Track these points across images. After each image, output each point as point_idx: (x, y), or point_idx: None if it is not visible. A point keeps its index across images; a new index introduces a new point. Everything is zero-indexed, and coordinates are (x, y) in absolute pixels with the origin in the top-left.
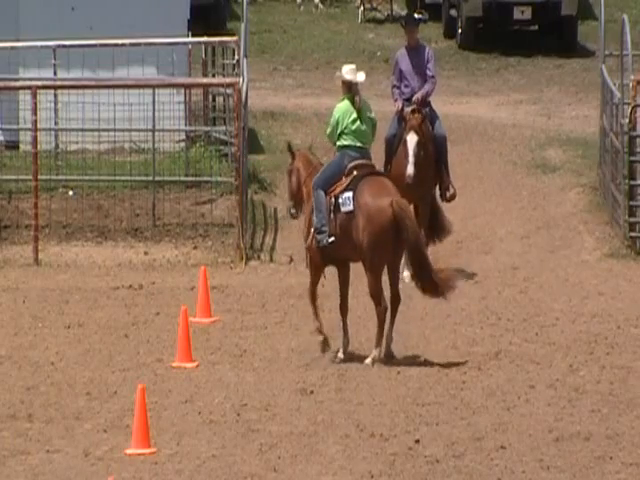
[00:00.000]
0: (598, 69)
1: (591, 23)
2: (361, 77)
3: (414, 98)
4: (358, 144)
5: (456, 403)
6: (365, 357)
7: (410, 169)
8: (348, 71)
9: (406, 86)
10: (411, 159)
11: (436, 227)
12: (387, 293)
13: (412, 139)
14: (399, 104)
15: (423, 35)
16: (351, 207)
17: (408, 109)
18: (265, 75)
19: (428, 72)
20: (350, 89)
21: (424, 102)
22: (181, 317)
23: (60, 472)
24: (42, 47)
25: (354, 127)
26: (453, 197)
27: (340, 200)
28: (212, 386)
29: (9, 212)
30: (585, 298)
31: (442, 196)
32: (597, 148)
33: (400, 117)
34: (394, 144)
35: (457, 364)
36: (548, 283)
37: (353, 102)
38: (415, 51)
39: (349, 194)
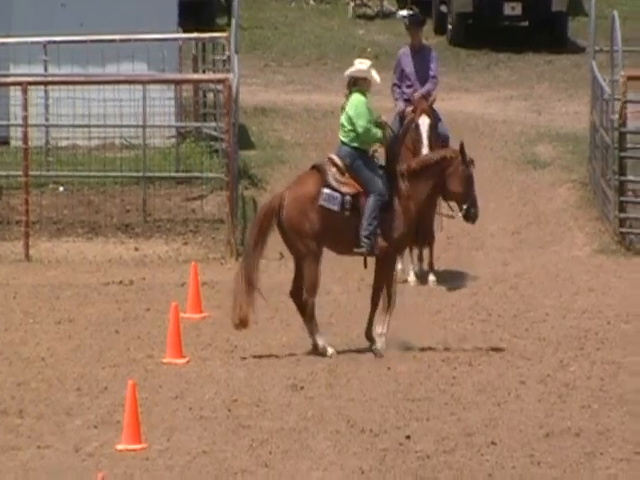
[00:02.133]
0: (588, 65)
1: (581, 19)
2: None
3: (414, 95)
4: (339, 136)
5: (446, 399)
6: (356, 353)
7: (425, 152)
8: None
9: (408, 86)
10: (425, 142)
11: (421, 231)
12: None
13: (424, 122)
14: (400, 104)
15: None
16: None
17: (409, 109)
18: (256, 71)
19: (430, 72)
20: None
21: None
22: (171, 313)
23: (51, 468)
24: (32, 43)
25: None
26: None
27: None
28: (203, 382)
29: (0, 208)
30: (575, 294)
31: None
32: (587, 144)
33: (401, 117)
34: (395, 144)
35: (447, 360)
36: (539, 279)
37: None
38: (419, 52)
39: None
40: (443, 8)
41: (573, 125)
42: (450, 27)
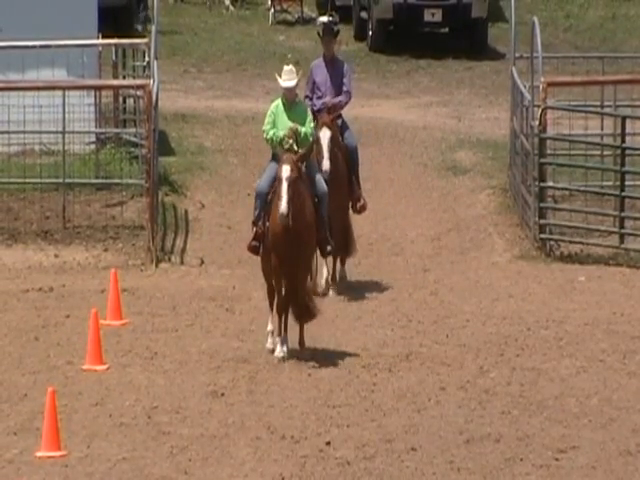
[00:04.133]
0: (508, 71)
1: (501, 26)
2: None
3: (325, 101)
4: None
5: (367, 405)
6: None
7: (326, 164)
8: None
9: (319, 98)
10: (326, 154)
11: (344, 244)
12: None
13: (325, 135)
14: None
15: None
16: None
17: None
18: (176, 77)
19: (344, 87)
20: None
21: (335, 111)
22: (91, 320)
23: None
24: None
25: None
26: (364, 208)
27: None
28: (123, 389)
29: None
30: (495, 300)
31: (353, 207)
32: (507, 150)
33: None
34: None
35: (368, 366)
36: (458, 285)
37: None
38: (332, 64)
39: None
40: (363, 14)
41: (493, 131)
42: (370, 33)
